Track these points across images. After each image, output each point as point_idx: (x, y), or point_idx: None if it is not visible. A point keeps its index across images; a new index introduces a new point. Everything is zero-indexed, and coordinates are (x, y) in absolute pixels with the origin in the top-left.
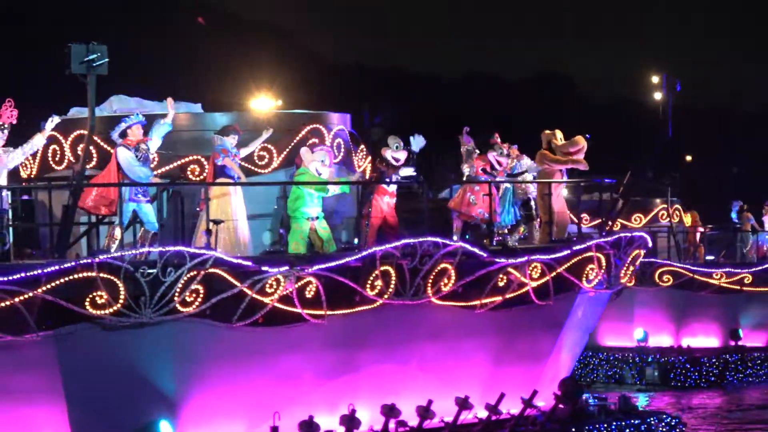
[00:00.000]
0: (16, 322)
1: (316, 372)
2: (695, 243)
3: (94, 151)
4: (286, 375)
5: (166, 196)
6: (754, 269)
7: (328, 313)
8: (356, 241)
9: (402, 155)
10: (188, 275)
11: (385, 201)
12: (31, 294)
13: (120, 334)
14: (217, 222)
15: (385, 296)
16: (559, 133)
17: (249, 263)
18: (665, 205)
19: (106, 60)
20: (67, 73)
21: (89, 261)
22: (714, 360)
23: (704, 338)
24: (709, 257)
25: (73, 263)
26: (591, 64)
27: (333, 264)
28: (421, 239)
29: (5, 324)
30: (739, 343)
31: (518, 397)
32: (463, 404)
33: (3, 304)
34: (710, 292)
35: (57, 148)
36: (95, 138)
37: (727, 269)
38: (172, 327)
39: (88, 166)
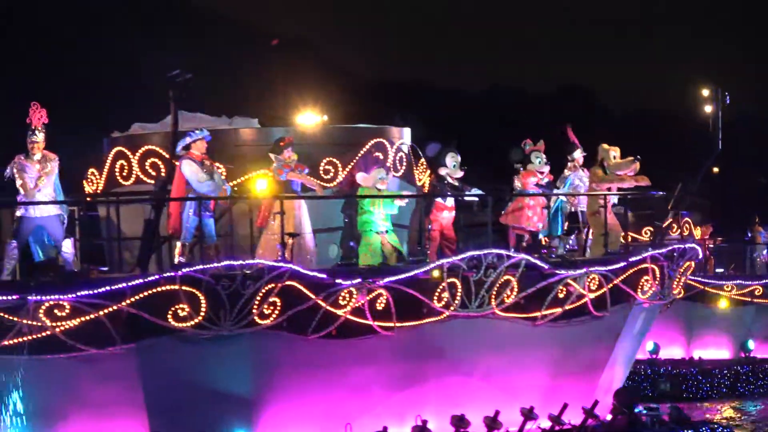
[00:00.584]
0: (99, 335)
1: (385, 383)
2: (705, 255)
3: (162, 166)
4: (358, 386)
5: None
6: (764, 281)
7: (397, 324)
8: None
9: (459, 173)
10: (266, 288)
11: (444, 216)
12: (115, 307)
13: (200, 346)
14: (292, 235)
15: (451, 308)
16: (615, 151)
17: (324, 276)
18: (675, 219)
19: (190, 75)
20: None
21: (172, 274)
22: (725, 371)
23: (715, 350)
24: (719, 270)
25: (157, 276)
26: (615, 76)
27: (403, 276)
28: (486, 251)
29: (89, 337)
30: (750, 354)
31: (574, 408)
32: (528, 415)
33: (87, 318)
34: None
35: (124, 164)
36: (160, 152)
37: (738, 281)
38: (250, 339)
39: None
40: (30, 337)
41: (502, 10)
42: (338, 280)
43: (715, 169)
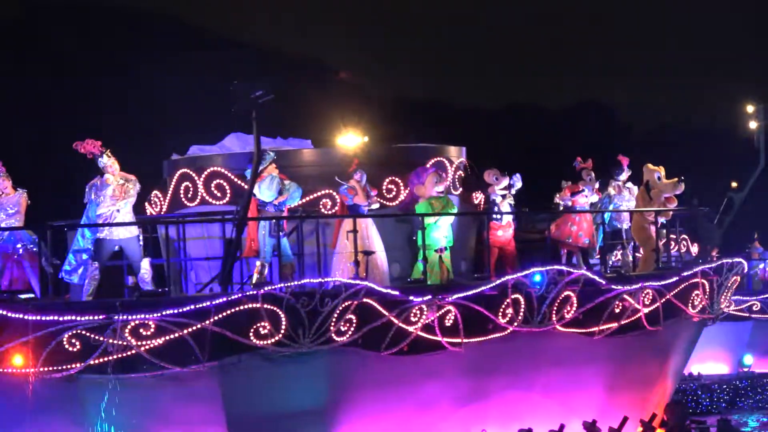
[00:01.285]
0: (183, 353)
1: (453, 398)
2: None
3: (227, 187)
4: (426, 402)
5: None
6: (762, 297)
7: (465, 340)
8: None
9: (503, 184)
10: (343, 305)
11: (498, 234)
12: (199, 326)
13: (278, 363)
14: (367, 253)
15: (515, 324)
16: (660, 171)
17: (397, 293)
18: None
19: (272, 96)
20: (233, 111)
21: (255, 293)
22: (725, 386)
23: (714, 365)
24: None
25: (240, 295)
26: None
27: (471, 293)
28: (547, 267)
29: (172, 355)
30: (749, 369)
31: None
32: (591, 428)
33: (171, 336)
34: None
35: (189, 185)
36: (226, 173)
37: (736, 297)
38: (327, 356)
39: (221, 202)
40: (115, 357)
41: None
42: (411, 297)
43: (734, 184)
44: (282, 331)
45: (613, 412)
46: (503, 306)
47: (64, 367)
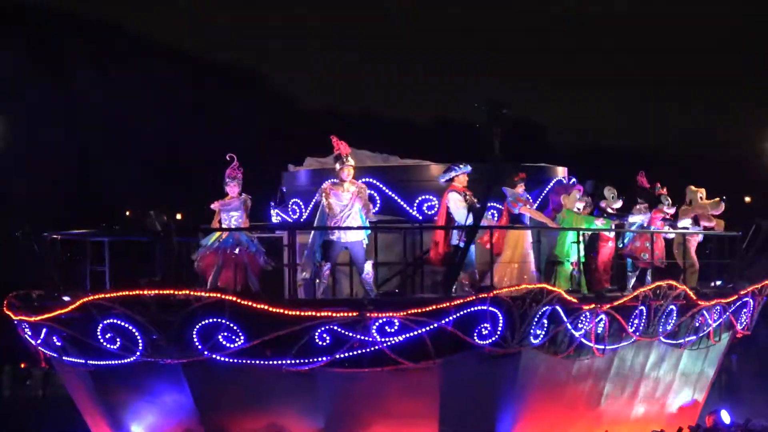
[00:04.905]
0: (415, 350)
1: (589, 401)
2: None
3: (378, 197)
4: (575, 402)
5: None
6: None
7: (607, 347)
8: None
9: (618, 204)
10: (542, 310)
11: (609, 246)
12: (435, 324)
13: (487, 361)
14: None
15: (638, 333)
16: (701, 192)
17: (575, 300)
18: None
19: (510, 110)
20: (478, 127)
21: (484, 296)
22: None
23: None
24: None
25: (473, 297)
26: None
27: (620, 302)
28: (664, 282)
29: (407, 352)
30: None
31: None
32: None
33: (411, 334)
34: None
35: None
36: (378, 184)
37: None
38: (522, 356)
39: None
40: (359, 352)
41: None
42: (583, 306)
43: (747, 199)
44: (498, 332)
45: (689, 416)
46: (632, 316)
47: (311, 360)
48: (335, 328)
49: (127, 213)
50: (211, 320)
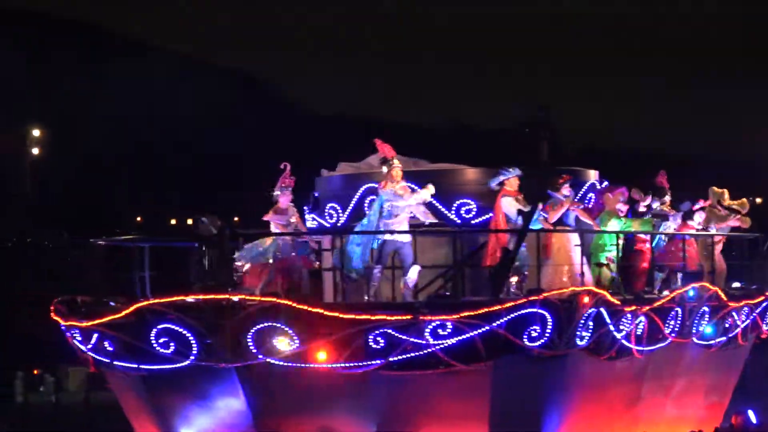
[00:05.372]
0: (466, 352)
1: (624, 402)
2: None
3: None
4: (615, 402)
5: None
6: None
7: (645, 349)
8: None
9: (647, 200)
10: (587, 313)
11: (647, 248)
12: (487, 327)
13: (536, 363)
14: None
15: (674, 335)
16: (726, 193)
17: (618, 303)
18: None
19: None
20: (527, 130)
21: (535, 298)
22: None
23: None
24: None
25: (524, 300)
26: None
27: (657, 304)
28: (699, 284)
29: (458, 354)
30: None
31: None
32: None
33: (463, 337)
34: None
35: (375, 198)
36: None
37: None
38: (567, 359)
39: None
40: (413, 354)
41: None
42: (624, 308)
43: (758, 200)
44: (547, 335)
45: (713, 418)
46: (668, 318)
47: (365, 363)
48: (389, 331)
49: (138, 219)
50: (266, 324)
